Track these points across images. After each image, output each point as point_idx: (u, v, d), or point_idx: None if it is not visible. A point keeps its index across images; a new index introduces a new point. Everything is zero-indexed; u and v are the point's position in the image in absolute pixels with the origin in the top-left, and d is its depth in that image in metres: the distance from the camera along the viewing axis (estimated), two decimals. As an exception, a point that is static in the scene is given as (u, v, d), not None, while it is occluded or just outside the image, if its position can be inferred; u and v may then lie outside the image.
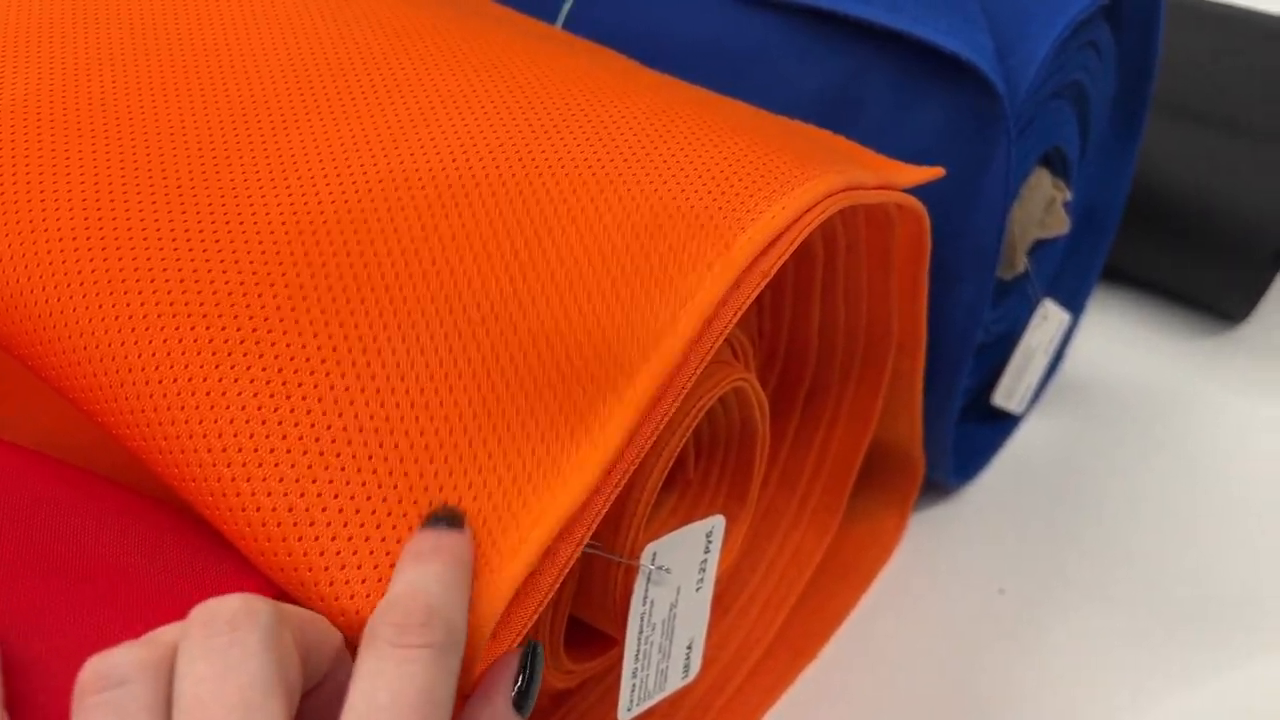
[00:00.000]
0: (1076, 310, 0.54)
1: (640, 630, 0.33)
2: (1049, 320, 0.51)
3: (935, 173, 0.35)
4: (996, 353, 0.50)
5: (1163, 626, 0.46)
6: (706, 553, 0.35)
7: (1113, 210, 0.54)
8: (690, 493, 0.38)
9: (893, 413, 0.44)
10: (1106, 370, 0.57)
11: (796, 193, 0.29)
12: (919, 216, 0.36)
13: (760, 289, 0.29)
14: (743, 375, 0.35)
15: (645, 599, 0.33)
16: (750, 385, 0.35)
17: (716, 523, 0.35)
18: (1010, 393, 0.51)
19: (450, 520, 0.26)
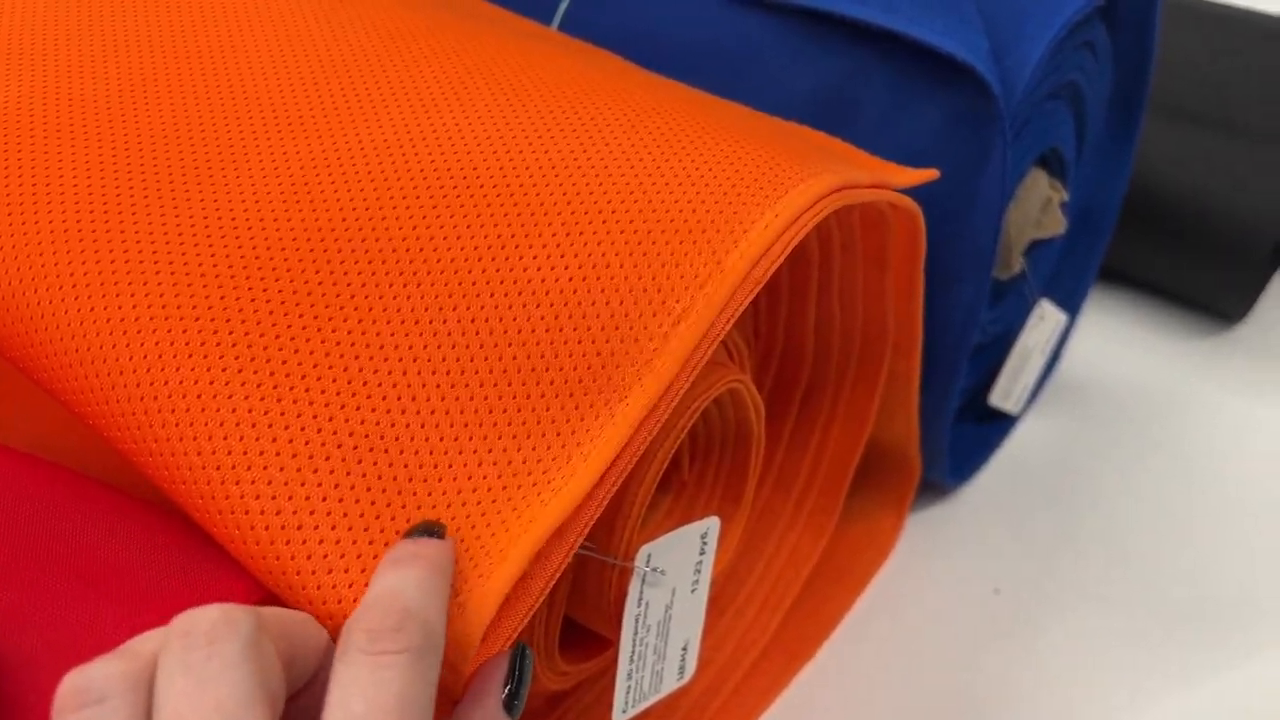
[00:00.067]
0: (1073, 311, 0.54)
1: (635, 632, 0.33)
2: (1046, 320, 0.51)
3: (929, 174, 0.35)
4: (993, 353, 0.50)
5: (1160, 627, 0.46)
6: (701, 554, 0.35)
7: (1109, 210, 0.54)
8: (686, 494, 0.38)
9: (889, 413, 0.44)
10: (1103, 370, 0.57)
11: (789, 197, 0.29)
12: (913, 216, 0.36)
13: (754, 294, 0.29)
14: (737, 377, 0.35)
15: (640, 600, 0.33)
16: (745, 387, 0.35)
17: (711, 524, 0.35)
18: (1007, 393, 0.51)
19: (430, 531, 0.26)
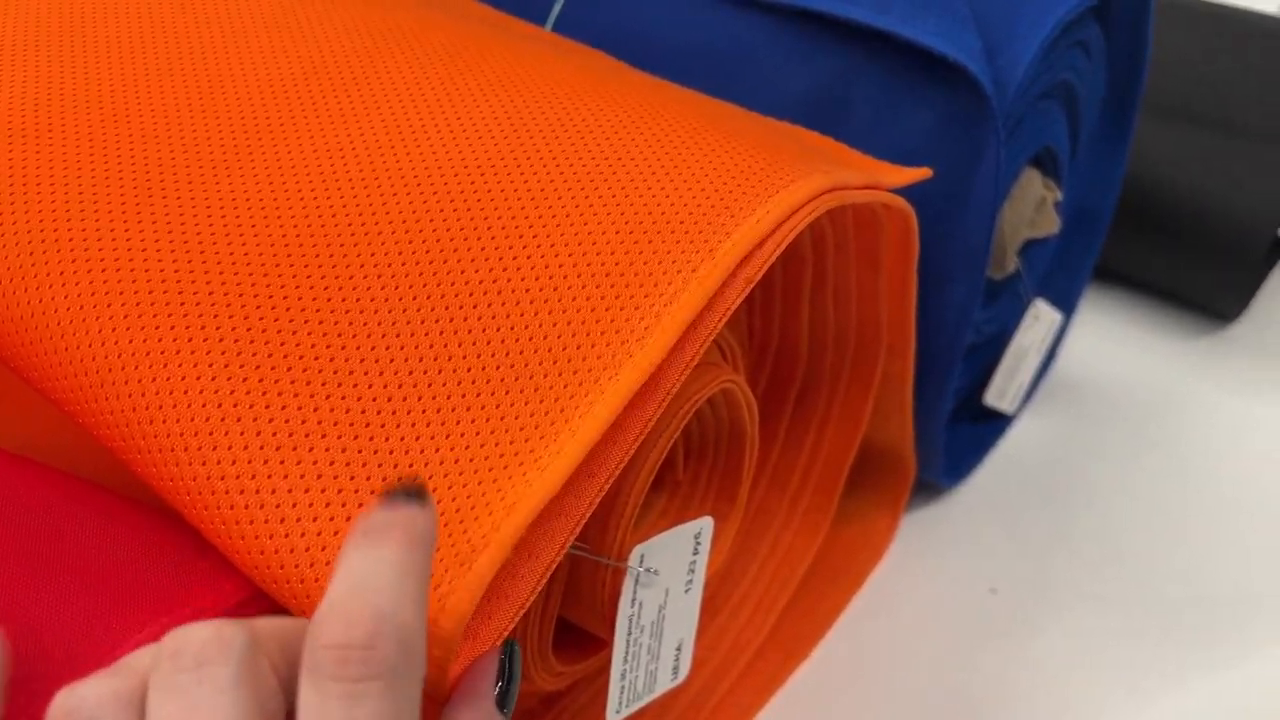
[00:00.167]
0: (1068, 310, 0.54)
1: (629, 632, 0.33)
2: (1040, 320, 0.51)
3: (922, 173, 0.35)
4: (988, 353, 0.50)
5: (1156, 626, 0.46)
6: (695, 554, 0.35)
7: (1104, 210, 0.54)
8: (680, 494, 0.38)
9: (884, 413, 0.44)
10: (1099, 370, 0.57)
11: (781, 195, 0.29)
12: (906, 216, 0.36)
13: (747, 293, 0.29)
14: (731, 377, 0.35)
15: (634, 601, 0.33)
16: (738, 387, 0.35)
17: (705, 524, 0.35)
18: (1002, 393, 0.51)
19: (410, 493, 0.22)
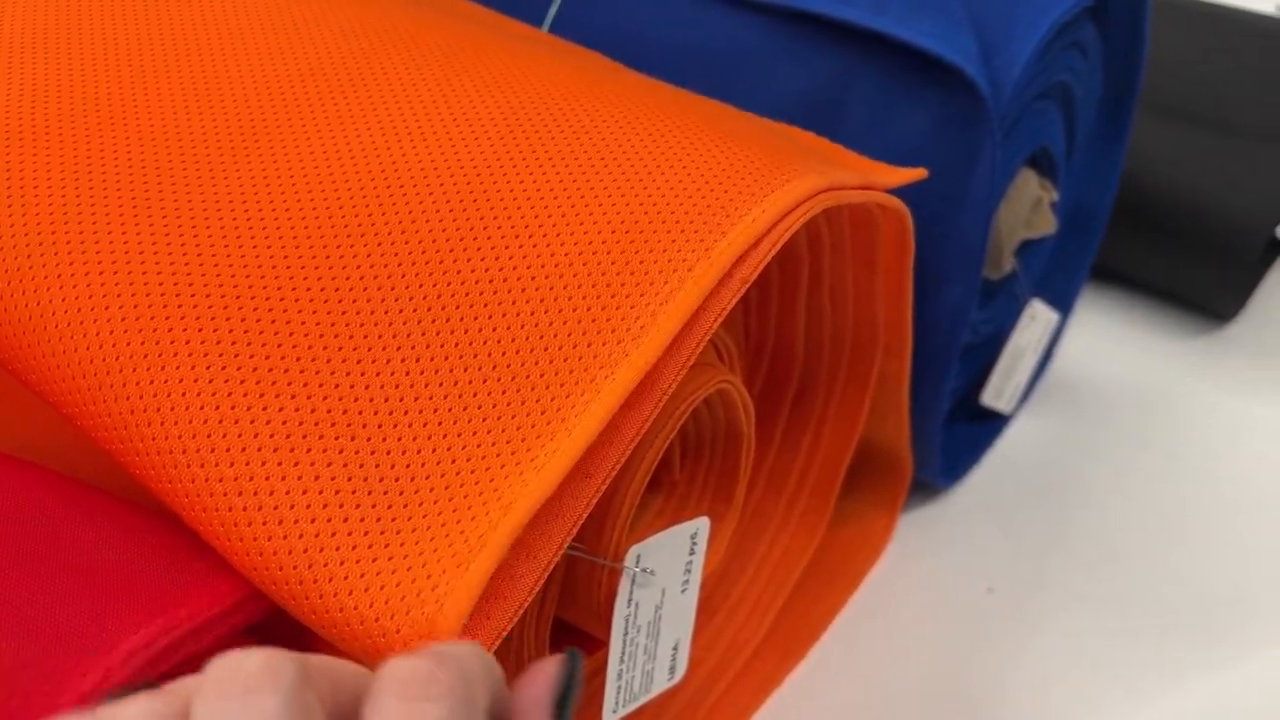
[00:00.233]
0: (1065, 310, 0.55)
1: (625, 632, 0.33)
2: (1037, 320, 0.51)
3: (918, 174, 0.35)
4: (985, 353, 0.51)
5: (1153, 626, 0.46)
6: (691, 555, 0.35)
7: (1100, 210, 0.54)
8: (676, 495, 0.38)
9: (880, 414, 0.44)
10: (1095, 370, 0.57)
11: (776, 195, 0.30)
12: (901, 216, 0.36)
13: (743, 292, 0.29)
14: (727, 377, 0.35)
15: (630, 601, 0.33)
16: (734, 387, 0.35)
17: (701, 525, 0.35)
18: (999, 393, 0.51)
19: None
